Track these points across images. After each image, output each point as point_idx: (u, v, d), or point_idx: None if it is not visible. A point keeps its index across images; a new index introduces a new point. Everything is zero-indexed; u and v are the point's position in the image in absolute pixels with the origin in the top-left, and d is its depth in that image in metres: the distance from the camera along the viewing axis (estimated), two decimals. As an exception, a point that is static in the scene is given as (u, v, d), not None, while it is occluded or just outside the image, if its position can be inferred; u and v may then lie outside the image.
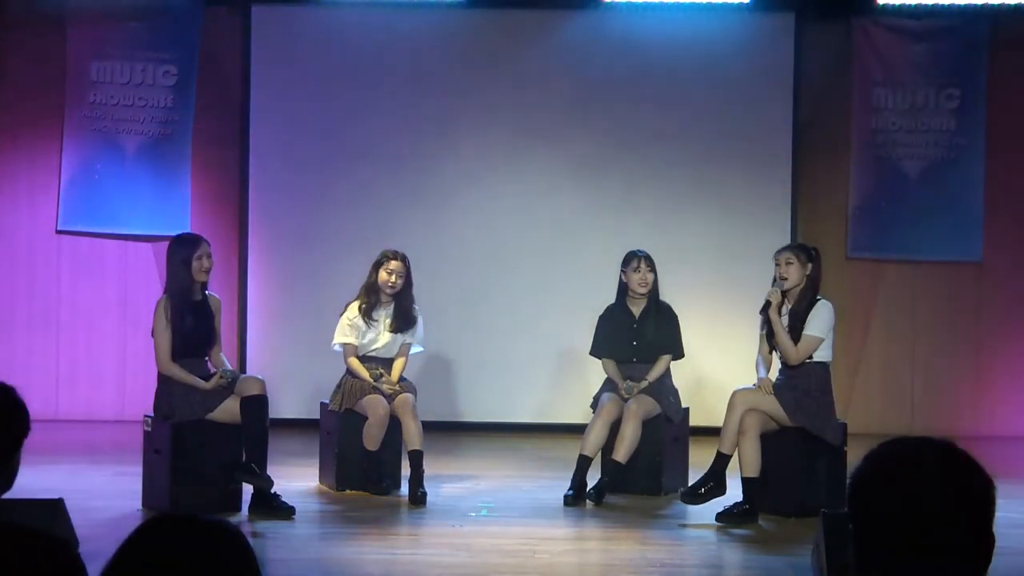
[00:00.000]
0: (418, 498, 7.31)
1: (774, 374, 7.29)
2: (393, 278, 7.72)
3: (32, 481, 6.68)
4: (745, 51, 10.24)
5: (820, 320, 7.11)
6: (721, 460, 7.07)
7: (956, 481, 1.93)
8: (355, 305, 7.79)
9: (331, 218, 10.28)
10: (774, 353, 7.31)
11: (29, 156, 10.38)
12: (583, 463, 7.49)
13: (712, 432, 7.55)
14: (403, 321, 7.79)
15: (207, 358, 7.18)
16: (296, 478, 7.75)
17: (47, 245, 10.39)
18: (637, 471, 7.61)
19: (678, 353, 7.86)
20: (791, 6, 10.22)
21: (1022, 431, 10.27)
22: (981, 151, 10.22)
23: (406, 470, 7.47)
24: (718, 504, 7.00)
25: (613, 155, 10.27)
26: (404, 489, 7.50)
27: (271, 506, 6.85)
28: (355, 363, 7.74)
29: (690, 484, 7.25)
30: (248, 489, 6.92)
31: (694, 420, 8.16)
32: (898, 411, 10.38)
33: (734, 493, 6.99)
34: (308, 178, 10.31)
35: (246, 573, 1.80)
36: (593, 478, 7.49)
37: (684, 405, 7.93)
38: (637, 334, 7.79)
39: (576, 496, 7.38)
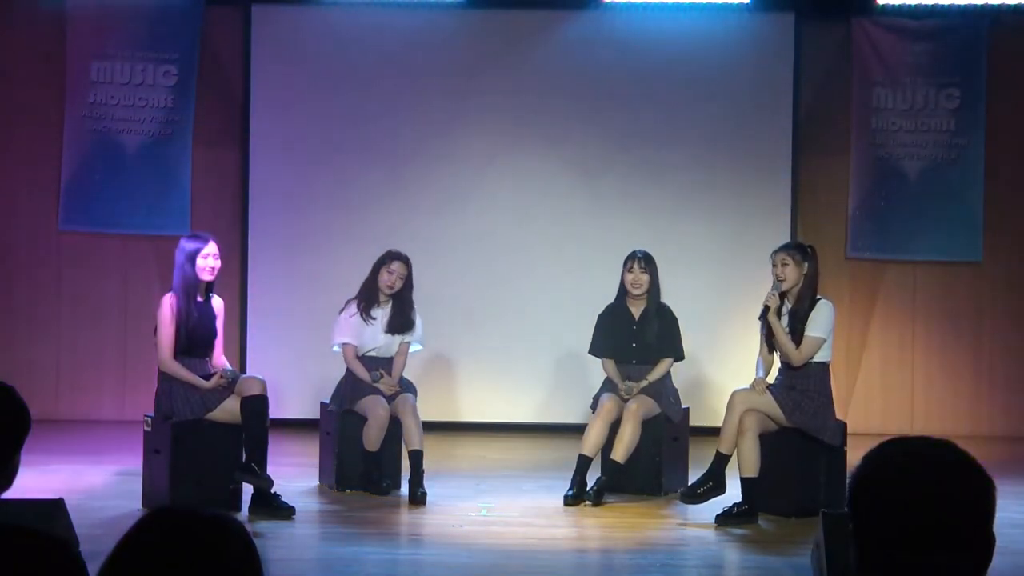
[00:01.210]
0: (418, 498, 7.31)
1: (774, 375, 7.30)
2: (393, 279, 7.74)
3: (32, 481, 6.70)
4: (745, 51, 10.24)
5: (821, 320, 7.10)
6: (720, 460, 7.07)
7: (956, 481, 1.93)
8: (354, 303, 7.81)
9: (331, 218, 10.28)
10: (774, 354, 7.30)
11: (29, 156, 10.37)
12: (583, 463, 7.49)
13: (712, 432, 7.55)
14: (400, 322, 7.80)
15: (208, 359, 7.19)
16: (296, 478, 7.75)
17: (47, 245, 10.39)
18: (637, 471, 7.61)
19: (678, 355, 7.85)
20: (791, 6, 10.22)
21: (1022, 431, 10.28)
22: (981, 151, 10.22)
23: (406, 470, 7.48)
24: (718, 504, 7.00)
25: (613, 155, 10.27)
26: (404, 489, 7.50)
27: (271, 506, 6.86)
28: (355, 363, 7.74)
29: (689, 484, 7.25)
30: (248, 489, 6.92)
31: (694, 420, 8.16)
32: (898, 411, 10.38)
33: (733, 493, 6.99)
34: (308, 178, 10.31)
35: (248, 567, 1.80)
36: (593, 478, 7.48)
37: (684, 405, 7.93)
38: (637, 336, 7.78)
39: (576, 496, 7.38)
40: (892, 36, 10.28)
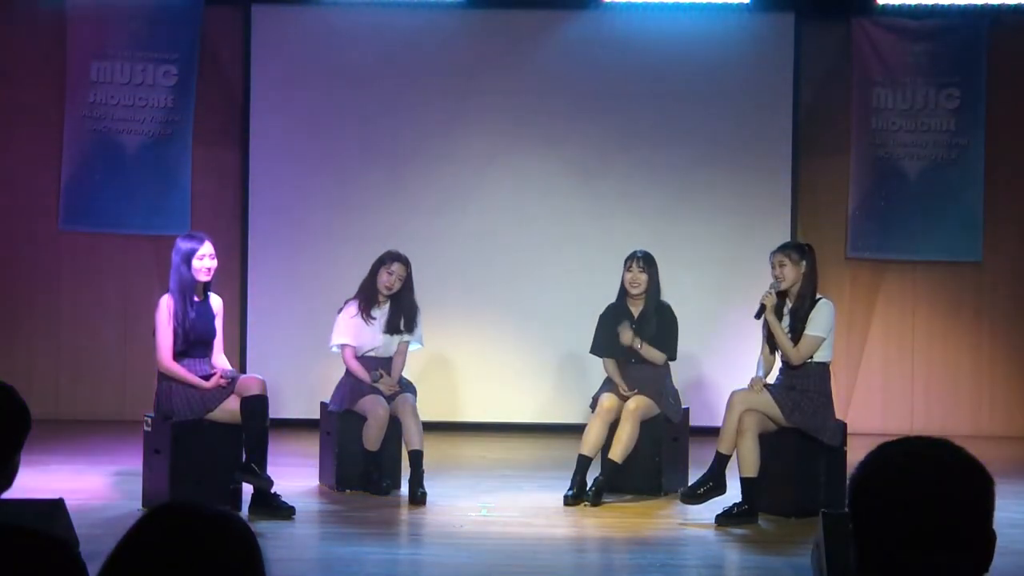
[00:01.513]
0: (418, 498, 7.31)
1: (774, 375, 7.30)
2: (392, 280, 7.73)
3: (32, 481, 6.70)
4: (745, 51, 10.24)
5: (821, 320, 7.10)
6: (720, 460, 7.07)
7: (956, 481, 1.93)
8: (354, 303, 7.80)
9: (331, 218, 10.28)
10: (776, 354, 7.30)
11: (29, 156, 10.37)
12: (583, 463, 7.49)
13: (712, 432, 7.55)
14: (399, 323, 7.79)
15: (207, 358, 7.18)
16: (296, 478, 7.75)
17: (47, 245, 10.39)
18: (637, 471, 7.61)
19: (671, 355, 7.82)
20: (791, 6, 10.22)
21: (1022, 431, 10.28)
22: (981, 151, 10.22)
23: (406, 470, 7.47)
24: (718, 504, 7.00)
25: (613, 155, 10.27)
26: (404, 489, 7.50)
27: (271, 506, 6.86)
28: (354, 363, 7.74)
29: (690, 484, 7.25)
30: (248, 489, 6.92)
31: (694, 420, 8.17)
32: (898, 411, 10.38)
33: (733, 494, 7.00)
34: (308, 178, 10.31)
35: (250, 565, 1.79)
36: (593, 478, 7.48)
37: (684, 405, 7.93)
38: (636, 335, 7.77)
39: (576, 496, 7.38)
40: (892, 36, 10.28)
